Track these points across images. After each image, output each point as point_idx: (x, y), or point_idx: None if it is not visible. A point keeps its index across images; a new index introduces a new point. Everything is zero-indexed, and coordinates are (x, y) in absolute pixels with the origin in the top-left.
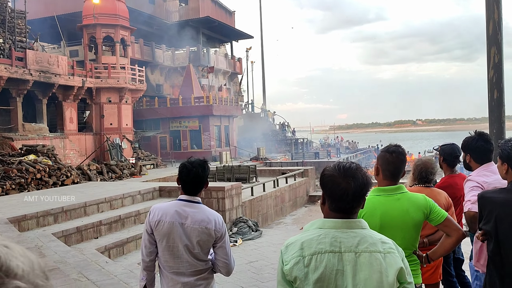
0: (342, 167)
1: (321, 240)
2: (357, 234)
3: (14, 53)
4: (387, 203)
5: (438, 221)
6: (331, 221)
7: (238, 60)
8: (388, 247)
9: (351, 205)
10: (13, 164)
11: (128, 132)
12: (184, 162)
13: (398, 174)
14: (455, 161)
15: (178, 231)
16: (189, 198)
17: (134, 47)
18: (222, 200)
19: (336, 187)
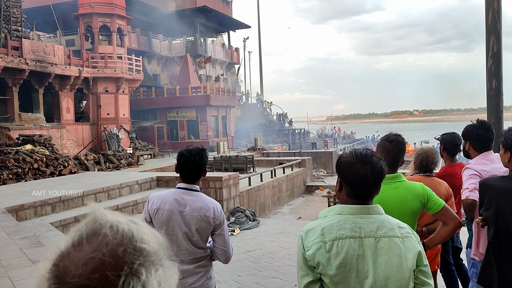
0: (360, 153)
1: (342, 225)
2: (376, 219)
3: (9, 42)
4: (385, 191)
5: (435, 210)
6: (350, 207)
7: (235, 50)
8: (405, 232)
9: (369, 191)
10: (10, 154)
11: (125, 122)
12: (183, 151)
13: (397, 163)
14: (455, 150)
15: (177, 219)
16: (188, 186)
17: (131, 37)
18: (219, 190)
19: (355, 173)
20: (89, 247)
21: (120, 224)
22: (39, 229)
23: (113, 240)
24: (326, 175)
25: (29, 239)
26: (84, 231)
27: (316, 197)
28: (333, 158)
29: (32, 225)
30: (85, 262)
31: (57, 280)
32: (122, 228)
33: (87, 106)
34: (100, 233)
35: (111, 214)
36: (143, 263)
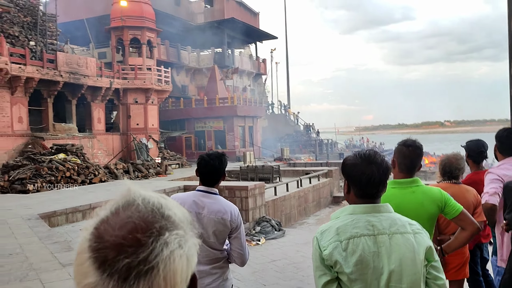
0: (364, 154)
1: (355, 224)
2: (387, 217)
3: (45, 55)
4: (401, 196)
5: (453, 215)
6: (362, 207)
7: (262, 61)
8: (416, 228)
9: (377, 190)
10: (44, 163)
11: (154, 132)
12: (202, 155)
13: (413, 167)
14: (479, 157)
15: (195, 220)
16: (207, 189)
17: (160, 49)
18: (245, 199)
19: (362, 174)
20: (125, 214)
21: (151, 197)
22: (70, 235)
23: (144, 209)
24: None
25: (60, 244)
26: (120, 202)
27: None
28: None
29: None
30: (121, 225)
31: (98, 239)
32: (152, 200)
33: (117, 116)
34: (133, 203)
35: (143, 189)
36: (168, 228)
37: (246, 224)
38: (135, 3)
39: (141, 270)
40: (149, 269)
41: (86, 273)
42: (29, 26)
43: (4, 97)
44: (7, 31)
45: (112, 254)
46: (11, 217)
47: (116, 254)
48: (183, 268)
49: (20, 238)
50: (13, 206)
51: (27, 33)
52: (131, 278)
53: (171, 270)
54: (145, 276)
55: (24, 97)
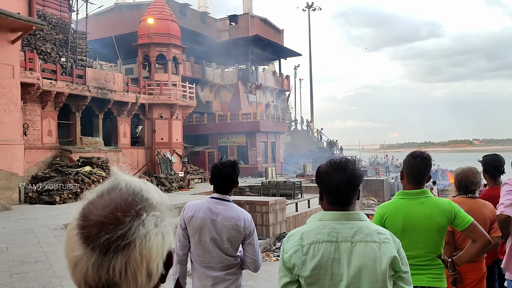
0: (334, 162)
1: (320, 230)
2: (354, 225)
3: (75, 71)
4: (410, 206)
5: (463, 227)
6: (330, 213)
7: (286, 77)
8: (384, 237)
9: (345, 197)
10: (71, 175)
11: (178, 147)
12: (216, 163)
13: (422, 178)
14: (496, 171)
15: (209, 226)
16: (221, 196)
17: (186, 65)
18: (266, 215)
19: (330, 181)
20: (108, 197)
21: (133, 182)
22: None
23: (126, 192)
24: (377, 203)
25: None
26: (106, 186)
27: None
28: (384, 187)
29: None
30: (104, 206)
31: (83, 217)
32: (134, 185)
33: (142, 131)
34: (117, 187)
35: (127, 175)
36: (146, 209)
37: (267, 239)
38: (162, 21)
39: (119, 245)
40: (126, 245)
41: (73, 247)
42: (60, 43)
43: (36, 111)
44: (40, 48)
45: (95, 231)
46: (38, 226)
47: (98, 230)
48: (158, 245)
49: (46, 247)
50: (40, 216)
51: (58, 50)
52: (110, 252)
53: (146, 246)
54: (122, 250)
55: (54, 111)
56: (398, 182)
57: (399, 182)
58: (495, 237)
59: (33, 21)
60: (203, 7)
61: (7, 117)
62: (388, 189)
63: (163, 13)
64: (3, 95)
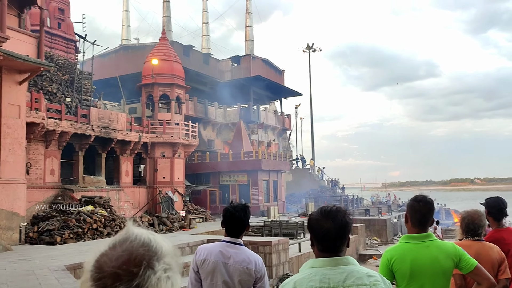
0: (324, 210)
1: (312, 277)
2: (344, 270)
3: (79, 110)
4: (416, 250)
5: (468, 269)
6: (320, 260)
7: (287, 116)
8: (374, 280)
9: (334, 244)
10: (72, 215)
11: (180, 186)
12: (228, 207)
13: (425, 222)
14: (500, 214)
15: (221, 270)
16: (232, 239)
17: (188, 104)
18: (269, 255)
19: (320, 228)
20: (120, 248)
21: (143, 234)
22: None
23: (137, 243)
24: (380, 243)
25: None
26: (118, 239)
27: (369, 266)
28: (387, 226)
29: None
30: (117, 257)
31: (98, 270)
32: (144, 236)
33: (144, 169)
34: (128, 239)
35: (137, 228)
36: (157, 259)
37: (270, 281)
38: (166, 62)
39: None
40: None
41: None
42: (66, 83)
43: (39, 150)
44: (46, 88)
45: (110, 282)
46: (39, 268)
47: (113, 281)
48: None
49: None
50: (41, 258)
51: (64, 90)
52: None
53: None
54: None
55: (58, 150)
56: (401, 222)
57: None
58: (503, 280)
59: (41, 63)
60: (206, 49)
61: (11, 156)
62: (391, 229)
63: (167, 54)
64: (8, 134)
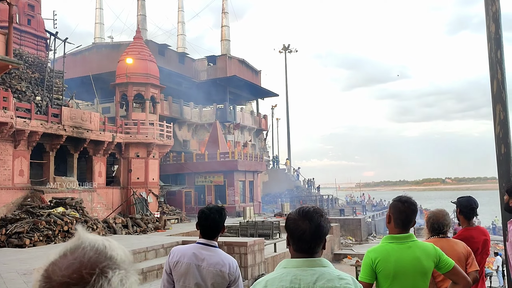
0: (302, 211)
1: (283, 277)
2: (316, 271)
3: (50, 110)
4: (399, 251)
5: (446, 269)
6: (294, 261)
7: (263, 117)
8: (345, 283)
9: (309, 245)
10: (42, 216)
11: (154, 187)
12: (203, 208)
13: (409, 223)
14: (471, 213)
15: (194, 272)
16: (207, 241)
17: (163, 104)
18: (244, 256)
19: (296, 229)
20: (71, 256)
21: (97, 241)
22: None
23: (89, 251)
24: (355, 243)
25: None
26: (69, 246)
27: (344, 265)
28: (361, 226)
29: None
30: (68, 265)
31: (46, 279)
32: (98, 243)
33: (118, 170)
34: (80, 246)
35: (90, 234)
36: (111, 266)
37: (245, 281)
38: (140, 61)
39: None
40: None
41: None
42: (36, 81)
43: (7, 150)
44: (15, 86)
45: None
46: (6, 271)
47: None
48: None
49: None
50: (8, 261)
51: (34, 89)
52: None
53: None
54: None
55: (27, 150)
56: (375, 221)
57: (376, 221)
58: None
59: (9, 60)
60: (181, 48)
61: None
62: (366, 228)
63: (142, 53)
64: None
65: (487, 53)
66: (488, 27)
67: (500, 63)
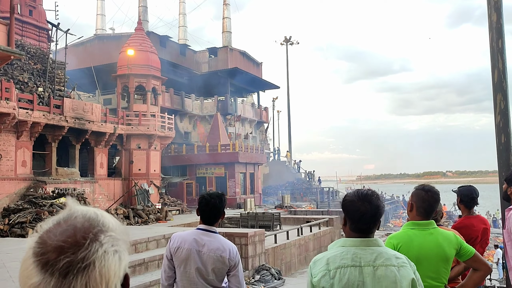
0: (361, 193)
1: (344, 256)
2: (374, 250)
3: (52, 101)
4: (422, 237)
5: (468, 256)
6: (352, 240)
7: (264, 109)
8: (401, 262)
9: (368, 226)
10: (45, 207)
11: (156, 178)
12: (203, 194)
13: (431, 211)
14: (472, 202)
15: (195, 257)
16: (207, 227)
17: (165, 96)
18: (245, 247)
19: (356, 210)
20: (65, 224)
21: (88, 210)
22: None
23: (82, 218)
24: None
25: None
26: (62, 216)
27: None
28: None
29: None
30: (62, 231)
31: (41, 245)
32: (90, 212)
33: (119, 161)
34: (73, 215)
35: (82, 206)
36: (103, 231)
37: (246, 272)
38: (141, 52)
39: (80, 267)
40: (86, 266)
41: (30, 275)
42: (38, 73)
43: (10, 141)
44: (17, 77)
45: (54, 256)
46: (10, 260)
47: (57, 255)
48: (116, 264)
49: (18, 282)
50: (11, 250)
51: (36, 80)
52: (70, 274)
53: (105, 266)
54: (82, 272)
55: (29, 141)
56: None
57: None
58: None
59: (11, 51)
60: (183, 40)
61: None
62: None
63: (143, 44)
64: None
65: (489, 43)
66: (489, 16)
67: (501, 52)
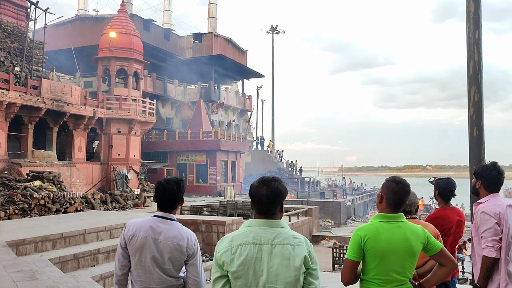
0: (263, 178)
1: (246, 234)
2: (274, 230)
3: (29, 81)
4: (390, 230)
5: (434, 251)
6: (256, 221)
7: (248, 97)
8: (298, 241)
9: (267, 207)
10: (19, 189)
11: (135, 163)
12: (161, 180)
13: (401, 204)
14: (449, 195)
15: (151, 246)
16: (164, 214)
17: (147, 81)
18: (222, 235)
19: (256, 193)
20: None
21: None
22: (37, 264)
23: None
24: (334, 225)
25: (24, 272)
26: None
27: (322, 247)
28: (341, 209)
29: (31, 260)
30: None
31: None
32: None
33: (99, 146)
34: None
35: None
36: None
37: None
38: (124, 35)
39: None
40: None
41: None
42: (15, 52)
43: None
44: None
45: None
46: None
47: None
48: None
49: None
50: None
51: (12, 59)
52: None
53: None
54: None
55: (4, 122)
56: (355, 205)
57: (356, 205)
58: None
59: None
60: (167, 24)
61: None
62: (345, 212)
63: (126, 27)
64: None
65: (465, 34)
66: (467, 6)
67: (477, 44)
